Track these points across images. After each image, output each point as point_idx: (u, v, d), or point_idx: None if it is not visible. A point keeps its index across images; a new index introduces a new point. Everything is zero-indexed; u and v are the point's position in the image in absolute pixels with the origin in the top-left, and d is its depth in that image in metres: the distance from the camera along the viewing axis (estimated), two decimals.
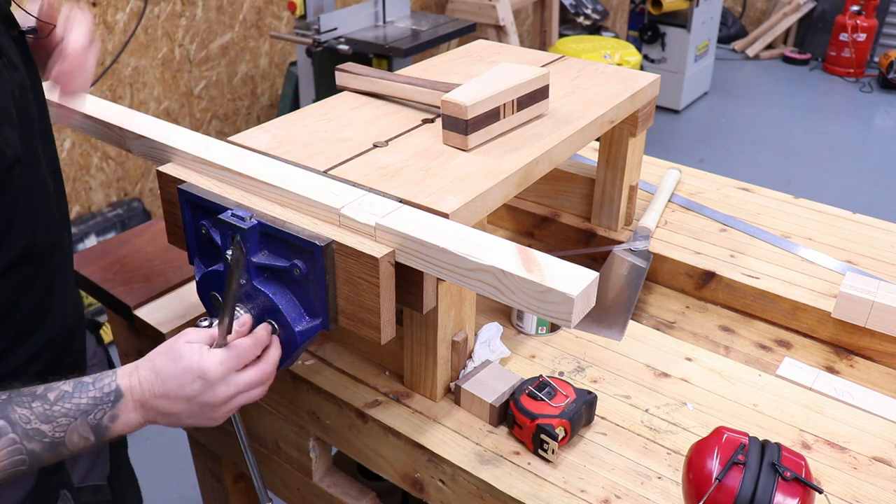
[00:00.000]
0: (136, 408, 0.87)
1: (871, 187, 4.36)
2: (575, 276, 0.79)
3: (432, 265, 0.87)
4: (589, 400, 1.05)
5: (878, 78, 5.99)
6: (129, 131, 1.14)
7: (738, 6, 7.06)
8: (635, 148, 1.47)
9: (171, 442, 2.42)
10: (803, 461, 0.88)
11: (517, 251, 0.83)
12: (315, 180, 1.00)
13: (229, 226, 0.95)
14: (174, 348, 0.88)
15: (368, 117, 1.23)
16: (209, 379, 0.86)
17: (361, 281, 0.90)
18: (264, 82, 3.75)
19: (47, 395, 0.83)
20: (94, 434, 0.85)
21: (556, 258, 0.82)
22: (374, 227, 0.90)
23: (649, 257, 1.46)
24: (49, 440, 0.82)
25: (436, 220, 0.91)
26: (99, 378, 0.86)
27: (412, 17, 3.46)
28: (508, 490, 0.97)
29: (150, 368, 0.87)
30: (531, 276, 0.79)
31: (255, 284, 0.96)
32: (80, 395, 0.84)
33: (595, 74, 1.43)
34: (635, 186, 1.54)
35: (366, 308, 0.92)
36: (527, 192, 1.63)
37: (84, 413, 0.84)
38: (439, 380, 1.09)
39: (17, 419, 0.80)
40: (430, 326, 1.04)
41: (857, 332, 1.29)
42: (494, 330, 1.18)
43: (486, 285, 0.83)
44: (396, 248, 0.89)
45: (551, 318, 0.79)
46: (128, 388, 0.86)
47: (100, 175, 3.12)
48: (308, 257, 0.92)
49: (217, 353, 0.88)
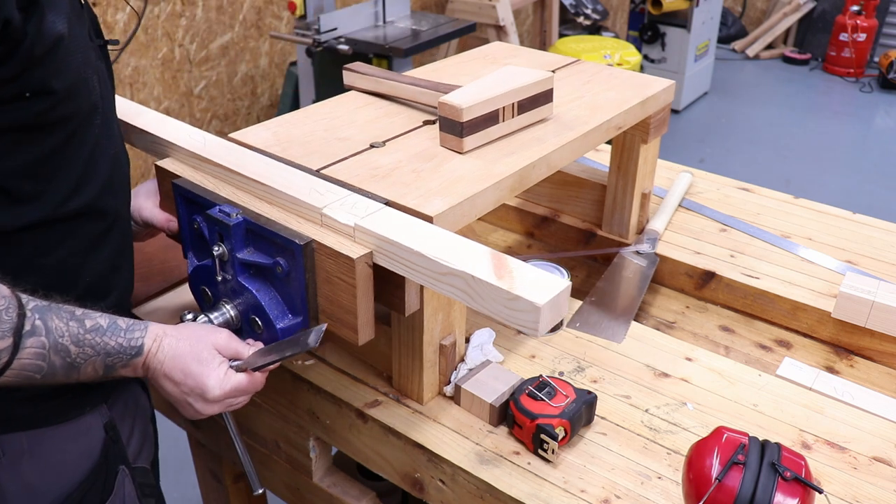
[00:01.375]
0: (145, 369, 0.92)
1: (871, 187, 4.36)
2: (545, 285, 0.77)
3: (407, 268, 0.87)
4: (589, 400, 1.05)
5: (878, 78, 5.99)
6: (131, 125, 1.16)
7: (738, 6, 7.06)
8: (648, 155, 1.45)
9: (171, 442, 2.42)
10: (803, 461, 0.88)
11: (490, 257, 0.82)
12: (303, 179, 1.01)
13: (216, 221, 0.97)
14: (202, 347, 0.93)
15: (370, 117, 1.23)
16: (208, 398, 0.93)
17: (339, 281, 0.91)
18: (264, 82, 3.75)
19: (84, 321, 0.86)
20: (103, 371, 0.89)
21: (549, 266, 0.82)
22: (354, 227, 0.90)
23: (655, 260, 1.46)
24: (70, 361, 0.85)
25: (415, 222, 0.91)
26: (131, 328, 0.90)
27: (412, 17, 3.46)
28: (508, 490, 0.97)
29: (171, 347, 0.92)
30: (500, 283, 0.77)
31: (241, 280, 0.98)
32: (111, 336, 0.88)
33: (608, 79, 1.41)
34: (648, 194, 1.52)
35: (344, 308, 0.92)
36: (537, 196, 1.63)
37: (106, 354, 0.88)
38: (426, 383, 1.09)
39: (52, 328, 0.83)
40: (416, 329, 1.04)
41: (857, 332, 1.28)
42: (487, 335, 1.18)
43: (457, 290, 0.82)
44: (374, 250, 0.89)
45: (519, 326, 0.77)
46: (148, 350, 0.91)
47: None
48: (289, 255, 0.93)
49: (229, 381, 0.93)
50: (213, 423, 1.40)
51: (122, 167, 1.03)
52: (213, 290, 1.05)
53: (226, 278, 1.00)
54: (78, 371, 0.86)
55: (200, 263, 1.05)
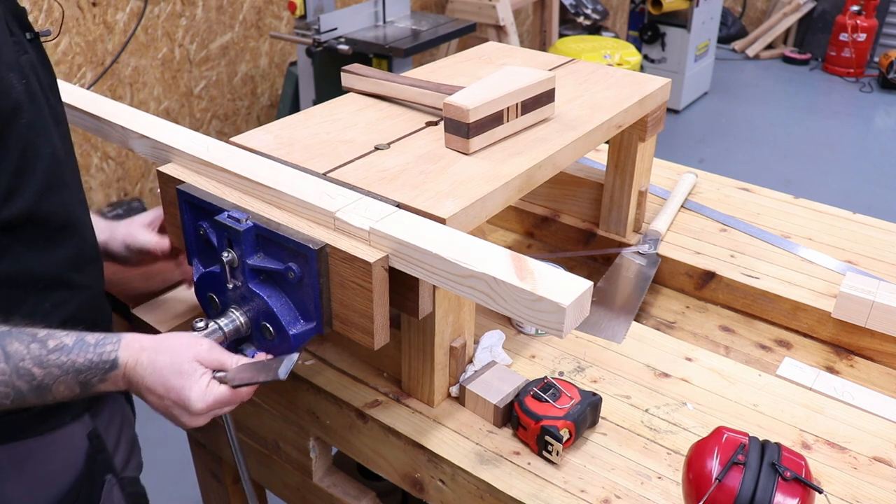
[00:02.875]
0: (126, 382, 0.89)
1: (871, 187, 4.36)
2: (568, 286, 0.78)
3: (426, 271, 0.86)
4: (594, 402, 1.05)
5: (878, 78, 5.98)
6: (132, 130, 1.15)
7: (738, 6, 7.06)
8: (644, 153, 1.46)
9: (171, 442, 2.42)
10: (803, 461, 0.88)
11: (511, 258, 0.82)
12: (312, 183, 1.00)
13: (226, 227, 0.95)
14: (182, 360, 0.89)
15: (372, 119, 1.23)
16: (191, 411, 0.89)
17: (355, 285, 0.90)
18: (264, 82, 3.75)
19: (47, 342, 0.84)
20: (80, 388, 0.86)
21: (552, 265, 0.82)
22: (369, 231, 0.90)
23: (657, 261, 1.46)
24: (37, 383, 0.82)
25: (431, 225, 0.91)
26: (101, 342, 0.87)
27: (412, 17, 3.46)
28: (508, 490, 0.97)
29: (151, 361, 0.88)
30: (523, 285, 0.78)
31: (251, 287, 0.96)
32: (77, 354, 0.85)
33: (604, 78, 1.42)
34: (645, 192, 1.52)
35: (359, 312, 0.91)
36: (534, 196, 1.63)
37: (77, 371, 0.85)
38: (437, 385, 1.09)
39: (12, 352, 0.81)
40: (427, 332, 1.03)
41: (857, 332, 1.29)
42: (497, 337, 1.18)
43: (479, 292, 0.82)
44: (391, 253, 0.89)
45: (543, 327, 0.78)
46: (124, 364, 0.87)
47: (100, 175, 3.12)
48: (302, 260, 0.92)
49: (211, 394, 0.89)
50: (212, 423, 1.40)
51: (65, 165, 0.97)
52: (222, 297, 1.02)
53: (236, 285, 0.98)
54: (50, 391, 0.84)
55: (207, 270, 1.03)
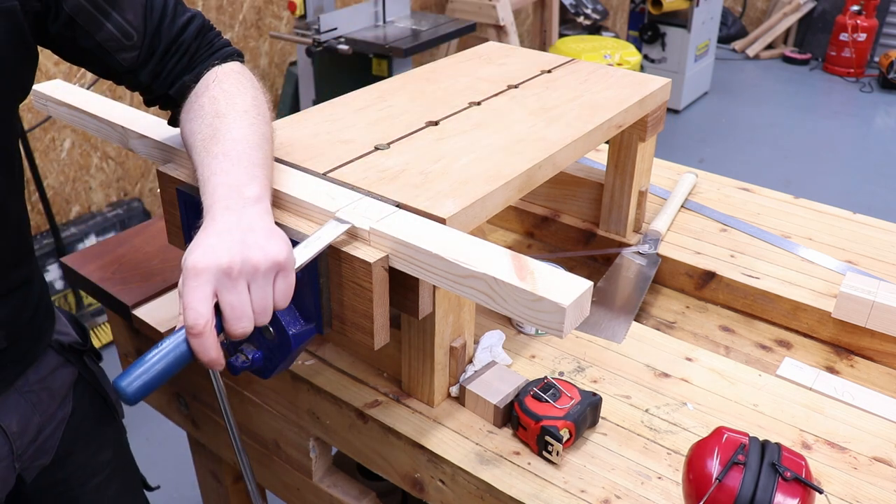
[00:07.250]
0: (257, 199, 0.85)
1: (871, 187, 4.36)
2: (568, 286, 0.78)
3: (426, 271, 0.86)
4: (594, 402, 1.04)
5: (878, 78, 5.99)
6: (132, 130, 1.15)
7: (738, 6, 7.06)
8: (645, 153, 1.46)
9: (171, 442, 2.42)
10: (803, 461, 0.88)
11: (511, 258, 0.82)
12: (312, 183, 1.00)
13: None
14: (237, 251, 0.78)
15: (372, 119, 1.23)
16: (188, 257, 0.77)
17: (355, 285, 0.90)
18: (264, 82, 3.72)
19: None
20: None
21: (552, 266, 0.82)
22: (369, 231, 0.90)
23: (657, 261, 1.46)
24: None
25: (431, 225, 0.91)
26: None
27: (412, 17, 3.46)
28: (508, 490, 0.97)
29: None
30: (523, 285, 0.77)
31: None
32: None
33: (604, 78, 1.42)
34: (645, 192, 1.52)
35: (359, 313, 0.91)
36: (534, 196, 1.63)
37: None
38: (437, 385, 1.09)
39: None
40: (427, 332, 1.03)
41: (858, 332, 1.28)
42: (497, 337, 1.18)
43: (479, 293, 0.82)
44: (391, 253, 0.89)
45: (543, 327, 0.78)
46: None
47: (100, 175, 3.12)
48: None
49: None
50: (213, 423, 1.40)
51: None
52: None
53: None
54: None
55: None
